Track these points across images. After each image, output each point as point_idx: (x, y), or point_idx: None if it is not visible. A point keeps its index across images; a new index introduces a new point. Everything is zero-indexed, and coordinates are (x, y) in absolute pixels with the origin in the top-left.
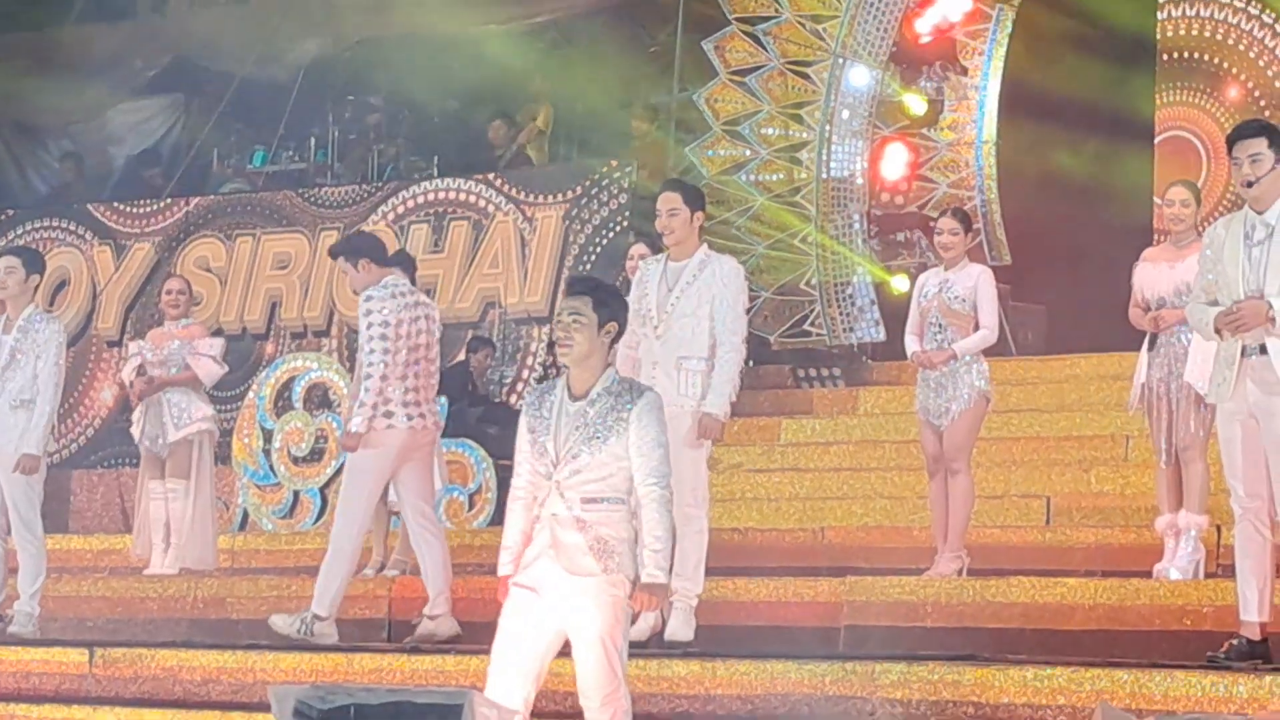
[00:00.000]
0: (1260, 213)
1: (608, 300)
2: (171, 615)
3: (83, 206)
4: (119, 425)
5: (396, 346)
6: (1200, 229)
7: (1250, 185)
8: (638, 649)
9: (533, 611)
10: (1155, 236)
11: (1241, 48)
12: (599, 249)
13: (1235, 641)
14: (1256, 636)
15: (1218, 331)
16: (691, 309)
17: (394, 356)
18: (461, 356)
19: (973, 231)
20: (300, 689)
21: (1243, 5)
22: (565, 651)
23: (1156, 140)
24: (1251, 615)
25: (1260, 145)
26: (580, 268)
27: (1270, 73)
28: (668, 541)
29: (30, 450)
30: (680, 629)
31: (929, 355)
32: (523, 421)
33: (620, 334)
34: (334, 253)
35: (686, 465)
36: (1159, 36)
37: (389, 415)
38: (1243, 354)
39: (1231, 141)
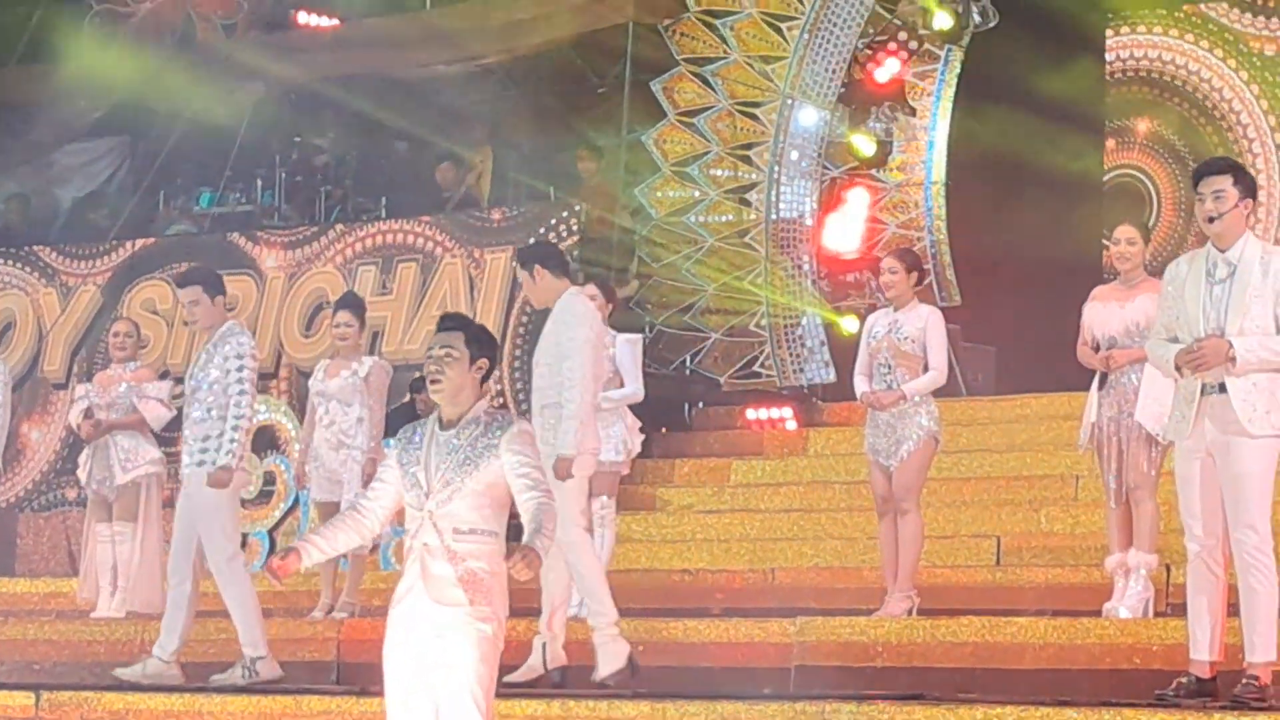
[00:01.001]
0: (1223, 250)
1: (480, 337)
2: (119, 659)
3: (29, 248)
4: (66, 468)
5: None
6: (1149, 268)
7: (1212, 221)
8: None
9: (409, 646)
10: (1104, 275)
11: (1189, 89)
12: None
13: (1184, 679)
14: (1206, 675)
15: (1178, 369)
16: (544, 357)
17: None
18: (406, 398)
19: (920, 272)
20: None
21: (1190, 44)
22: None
23: (1105, 179)
24: (1202, 654)
25: (1224, 182)
26: (529, 308)
27: (1212, 109)
28: (549, 526)
29: None
30: (609, 662)
31: (878, 396)
32: (392, 454)
33: (491, 370)
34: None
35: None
36: (1107, 77)
37: None
38: (1202, 392)
39: (1197, 177)
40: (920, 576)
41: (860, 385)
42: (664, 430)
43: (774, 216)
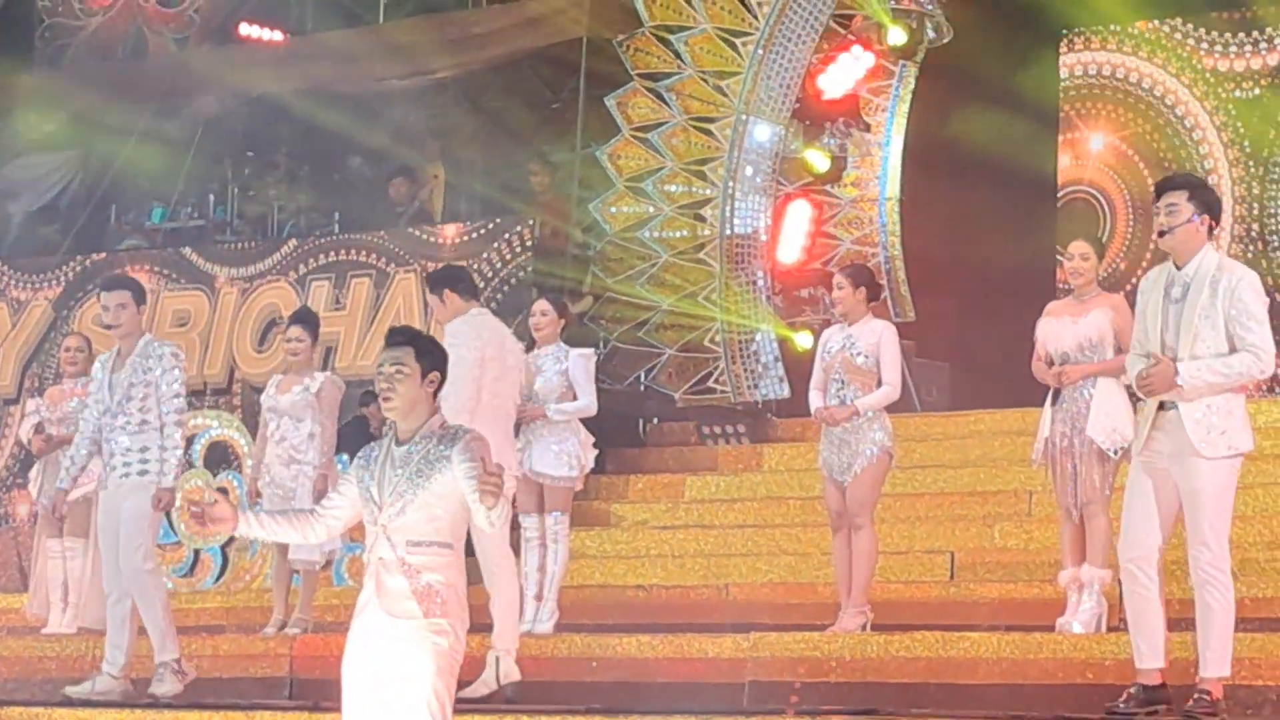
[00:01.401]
0: (1180, 268)
1: (430, 350)
2: (70, 675)
3: None
4: (17, 483)
5: None
6: (1103, 283)
7: (1163, 235)
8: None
9: (366, 660)
10: (1058, 291)
11: (1143, 104)
12: (501, 305)
13: (1133, 690)
14: (1154, 682)
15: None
16: None
17: None
18: (358, 412)
19: (872, 288)
20: None
21: (1144, 58)
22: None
23: (1059, 194)
24: (1146, 663)
25: (1179, 197)
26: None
27: (1165, 124)
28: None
29: None
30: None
31: (832, 412)
32: (352, 471)
33: (443, 383)
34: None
35: None
36: (1061, 92)
37: None
38: (1160, 408)
39: (1157, 193)
40: (874, 592)
41: (814, 401)
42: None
43: (728, 232)
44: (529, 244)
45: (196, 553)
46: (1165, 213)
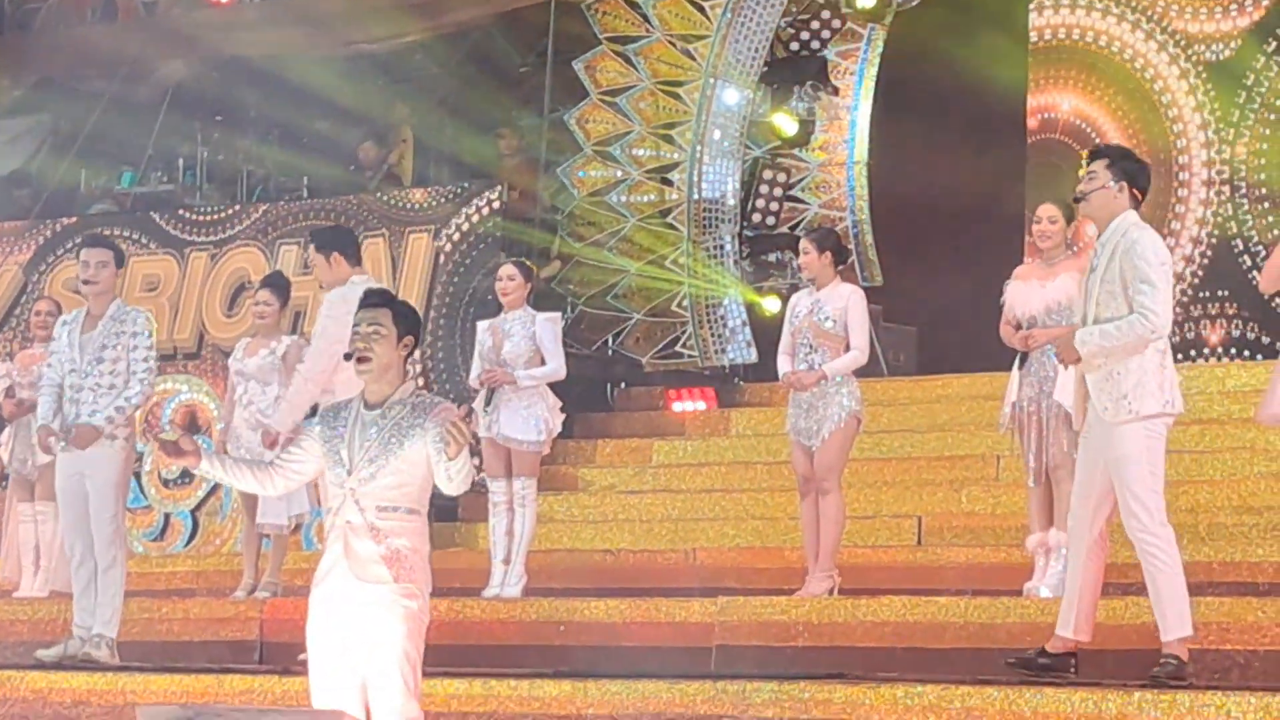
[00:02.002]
0: (1099, 236)
1: (406, 314)
2: (42, 638)
3: None
4: None
5: None
6: (1073, 247)
7: (1077, 201)
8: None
9: (333, 625)
10: (1025, 257)
11: (1112, 68)
12: (468, 269)
13: (1037, 652)
14: (1058, 650)
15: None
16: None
17: None
18: None
19: (838, 252)
20: (170, 710)
21: (1114, 22)
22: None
23: (1028, 158)
24: (1059, 629)
25: (1098, 165)
26: (450, 288)
27: (1135, 89)
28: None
29: None
30: None
31: (800, 376)
32: (315, 428)
33: (415, 348)
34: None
35: None
36: (1031, 46)
37: None
38: (1081, 384)
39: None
40: (841, 556)
41: (783, 365)
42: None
43: (696, 196)
44: (496, 208)
45: (167, 517)
46: (1086, 179)
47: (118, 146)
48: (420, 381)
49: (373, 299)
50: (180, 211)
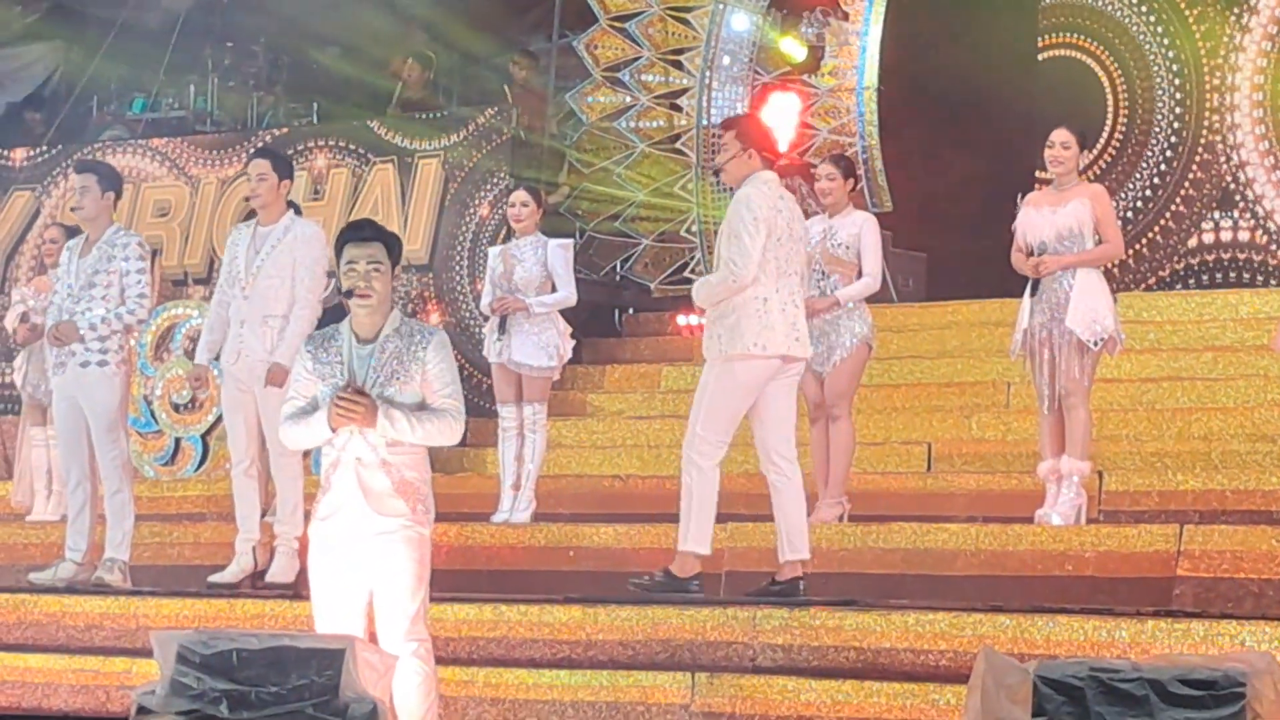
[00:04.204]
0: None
1: (395, 245)
2: (54, 561)
3: None
4: (1, 371)
5: None
6: (1088, 175)
7: (716, 173)
8: (238, 590)
9: (346, 562)
10: (1036, 184)
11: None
12: (478, 195)
13: (659, 574)
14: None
15: None
16: (275, 271)
17: None
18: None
19: (854, 178)
20: (183, 634)
21: None
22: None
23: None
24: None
25: (728, 136)
26: (461, 215)
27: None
28: (430, 429)
29: None
30: (282, 570)
31: (812, 303)
32: (303, 366)
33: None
34: None
35: (275, 415)
36: None
37: None
38: None
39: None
40: (851, 483)
41: None
42: None
43: (705, 122)
44: (507, 133)
45: (177, 441)
46: (720, 152)
47: (129, 73)
48: (433, 311)
49: (366, 232)
50: (192, 137)
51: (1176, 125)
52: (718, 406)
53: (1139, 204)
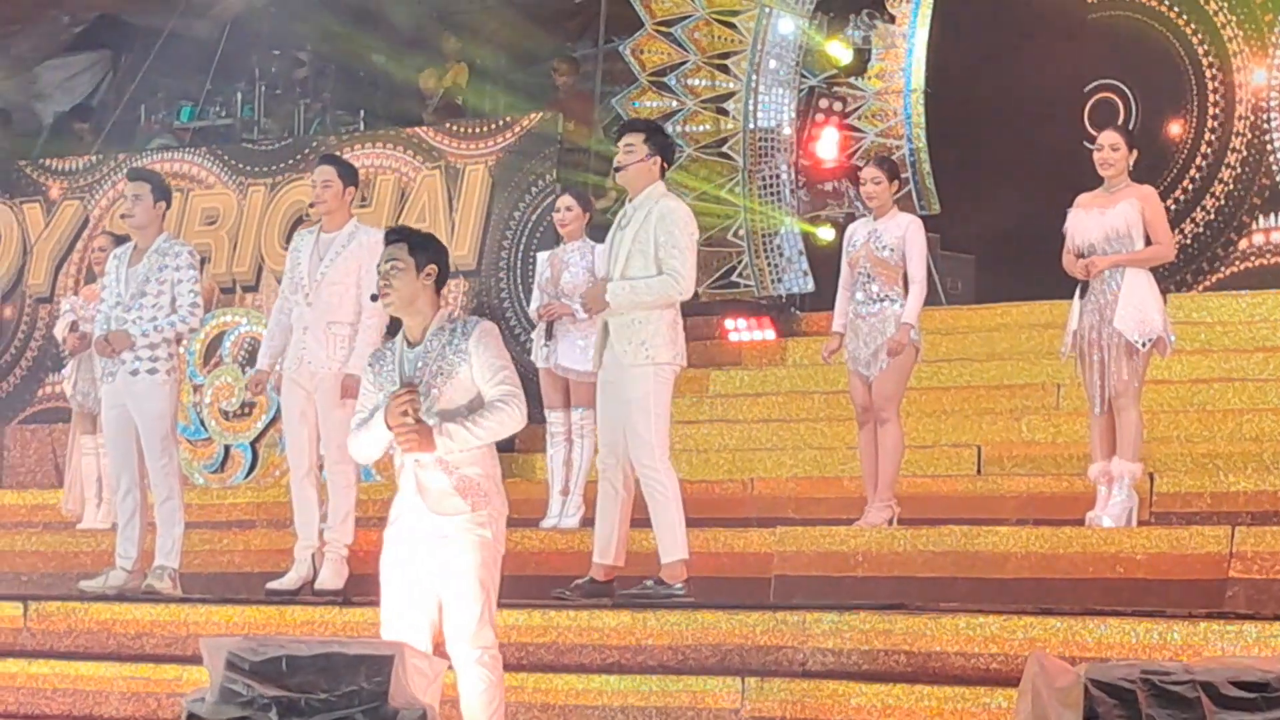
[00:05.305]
0: (630, 201)
1: (424, 244)
2: (105, 569)
3: (13, 163)
4: (52, 381)
5: None
6: (1134, 175)
7: (618, 170)
8: (291, 597)
9: (412, 564)
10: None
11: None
12: (525, 201)
13: (582, 581)
14: (602, 577)
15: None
16: (339, 277)
17: None
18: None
19: (900, 181)
20: (232, 641)
21: None
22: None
23: (1087, 88)
24: (601, 559)
25: (635, 138)
26: (508, 220)
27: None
28: (482, 430)
29: None
30: (331, 578)
31: (897, 342)
32: (365, 381)
33: (442, 276)
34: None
35: (333, 424)
36: None
37: None
38: (604, 329)
39: (618, 134)
40: (900, 486)
41: (841, 302)
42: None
43: (752, 126)
44: (554, 138)
45: (227, 449)
46: (623, 151)
47: (177, 81)
48: (469, 309)
49: (390, 235)
50: (239, 145)
51: (1219, 131)
52: (663, 414)
53: (1186, 202)
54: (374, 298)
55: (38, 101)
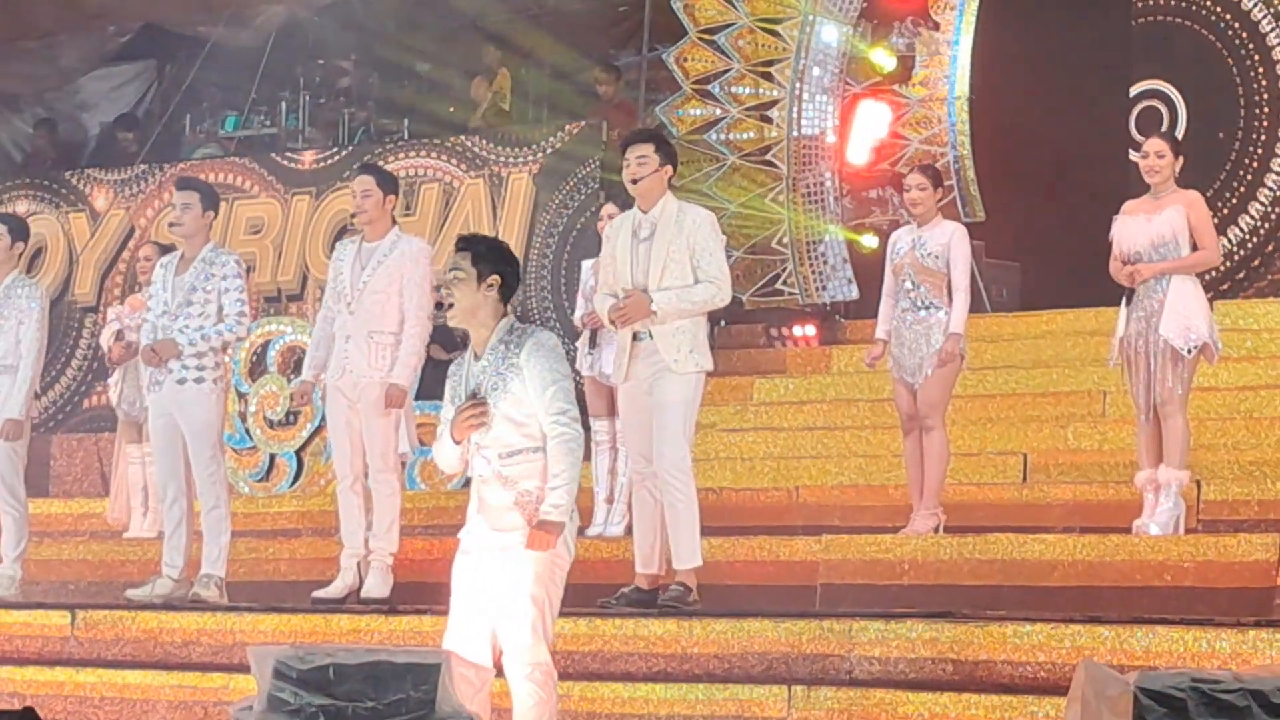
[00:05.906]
0: (645, 211)
1: (487, 254)
2: (151, 577)
3: (59, 173)
4: (98, 390)
5: None
6: (1180, 181)
7: (635, 183)
8: (337, 605)
9: (477, 574)
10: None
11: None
12: (570, 209)
13: (627, 590)
14: (646, 586)
15: (612, 322)
16: (382, 286)
17: None
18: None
19: (944, 188)
20: (279, 649)
21: None
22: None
23: (1132, 94)
24: (642, 568)
25: (647, 149)
26: (551, 228)
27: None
28: (569, 480)
29: (13, 415)
30: (376, 586)
31: (945, 351)
32: (445, 391)
33: (506, 286)
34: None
35: (377, 432)
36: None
37: None
38: (634, 339)
39: (624, 146)
40: (946, 494)
41: (884, 309)
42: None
43: (795, 134)
44: (598, 147)
45: (272, 458)
46: (636, 163)
47: (221, 91)
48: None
49: (458, 244)
50: (284, 154)
51: (1265, 136)
52: (690, 422)
53: (1232, 207)
54: (439, 306)
55: (83, 112)
